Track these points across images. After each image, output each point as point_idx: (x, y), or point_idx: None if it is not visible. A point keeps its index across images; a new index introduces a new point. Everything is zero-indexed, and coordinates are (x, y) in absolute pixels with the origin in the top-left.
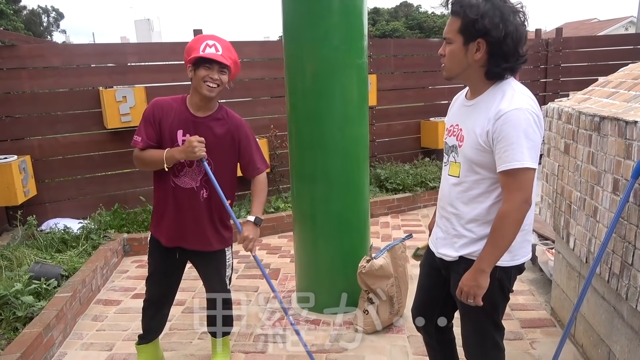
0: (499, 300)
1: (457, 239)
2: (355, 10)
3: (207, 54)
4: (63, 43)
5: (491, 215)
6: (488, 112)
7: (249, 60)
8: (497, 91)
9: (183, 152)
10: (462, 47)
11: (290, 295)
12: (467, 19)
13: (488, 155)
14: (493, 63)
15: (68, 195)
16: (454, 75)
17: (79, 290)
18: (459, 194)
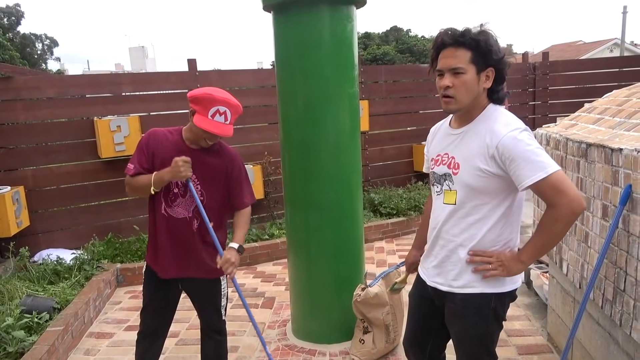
0: (493, 328)
1: (452, 267)
2: (346, 42)
3: (215, 127)
4: (58, 72)
5: (487, 239)
6: (485, 138)
7: (243, 88)
8: (488, 117)
9: (169, 172)
10: (475, 76)
11: (286, 325)
12: (484, 49)
13: (489, 180)
14: (497, 89)
15: (61, 225)
16: (464, 107)
17: (71, 324)
18: (457, 220)
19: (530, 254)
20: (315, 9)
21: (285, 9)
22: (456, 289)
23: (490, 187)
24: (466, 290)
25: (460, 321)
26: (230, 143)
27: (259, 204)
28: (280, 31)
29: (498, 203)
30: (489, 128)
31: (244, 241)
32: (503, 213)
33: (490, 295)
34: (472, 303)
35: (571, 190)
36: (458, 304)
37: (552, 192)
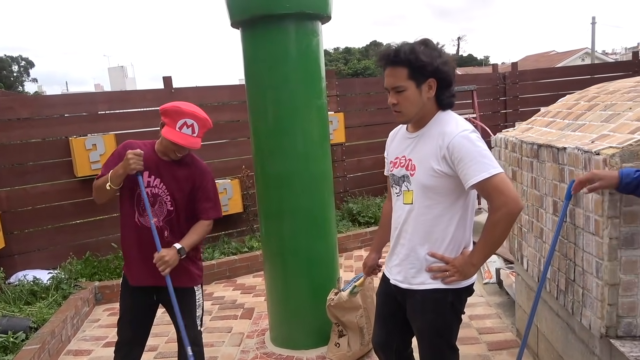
0: (452, 321)
1: (411, 266)
2: (312, 55)
3: (182, 139)
4: (35, 93)
5: (444, 237)
6: (437, 140)
7: (220, 103)
8: (440, 121)
9: (122, 166)
10: (415, 90)
11: (264, 334)
12: (417, 64)
13: (442, 180)
14: (443, 95)
15: (38, 245)
16: (412, 117)
17: (48, 342)
18: (414, 219)
19: (479, 257)
20: (282, 24)
21: (253, 25)
22: (415, 285)
23: (443, 187)
24: (424, 286)
25: (421, 316)
26: (208, 158)
27: (238, 217)
28: (248, 47)
29: (451, 202)
30: (441, 131)
31: (189, 247)
32: (456, 212)
33: (447, 290)
34: (431, 299)
35: (510, 191)
36: (418, 299)
37: (493, 193)
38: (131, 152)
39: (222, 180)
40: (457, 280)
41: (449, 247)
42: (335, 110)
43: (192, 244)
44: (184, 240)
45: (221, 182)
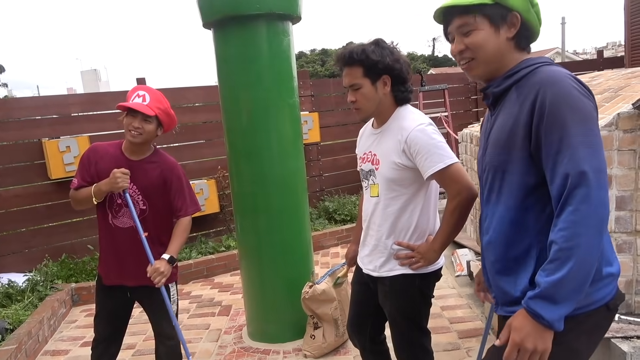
0: (421, 305)
1: (380, 255)
2: (283, 55)
3: (133, 104)
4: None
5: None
6: (397, 135)
7: (194, 105)
8: (399, 117)
9: (107, 183)
10: (371, 87)
11: (242, 329)
12: (369, 63)
13: (403, 173)
14: (398, 90)
15: (12, 249)
16: (371, 113)
17: (24, 342)
18: (380, 211)
19: (440, 243)
20: (253, 25)
21: (224, 25)
22: (384, 272)
23: (405, 179)
24: (393, 273)
25: (390, 301)
26: (183, 159)
27: (215, 217)
28: (220, 47)
29: (414, 193)
30: (399, 125)
31: (177, 253)
32: (419, 202)
33: (414, 276)
34: (399, 284)
35: (465, 180)
36: (387, 285)
37: (449, 181)
38: (118, 171)
39: (198, 181)
40: (423, 266)
41: (414, 235)
42: (310, 110)
43: (178, 248)
44: (170, 248)
45: (197, 183)
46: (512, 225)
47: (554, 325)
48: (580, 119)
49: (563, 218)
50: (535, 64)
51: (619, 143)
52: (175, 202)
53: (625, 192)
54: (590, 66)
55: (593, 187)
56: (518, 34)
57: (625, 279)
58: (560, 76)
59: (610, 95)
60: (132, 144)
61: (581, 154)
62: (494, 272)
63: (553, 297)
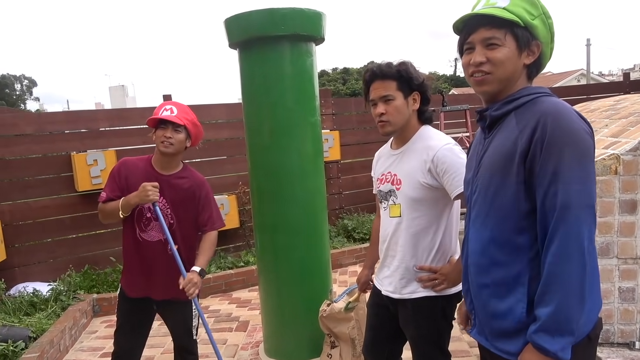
0: (443, 328)
1: (401, 276)
2: (306, 75)
3: (162, 116)
4: (37, 111)
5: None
6: (422, 154)
7: (217, 121)
8: (423, 136)
9: (137, 196)
10: (404, 101)
11: (258, 346)
12: (405, 77)
13: (428, 192)
14: (424, 110)
15: (38, 258)
16: (399, 128)
17: (46, 351)
18: (403, 231)
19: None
20: (277, 45)
21: (249, 46)
22: (406, 295)
23: (429, 198)
24: (415, 295)
25: (413, 324)
26: (205, 174)
27: (234, 232)
28: (245, 66)
29: (438, 213)
30: (425, 145)
31: (206, 266)
32: (442, 222)
33: (437, 297)
34: (422, 306)
35: None
36: (409, 308)
37: None
38: (148, 184)
39: (219, 196)
40: (446, 288)
41: (437, 256)
42: (331, 129)
43: (208, 261)
44: (198, 261)
45: (218, 198)
46: (501, 248)
47: (559, 355)
48: (577, 155)
49: (551, 251)
50: (536, 93)
51: None
52: (202, 217)
53: None
54: (616, 88)
55: (577, 222)
56: (534, 63)
57: None
58: (564, 109)
59: (635, 119)
60: (163, 155)
61: (572, 190)
62: (482, 295)
63: (552, 329)
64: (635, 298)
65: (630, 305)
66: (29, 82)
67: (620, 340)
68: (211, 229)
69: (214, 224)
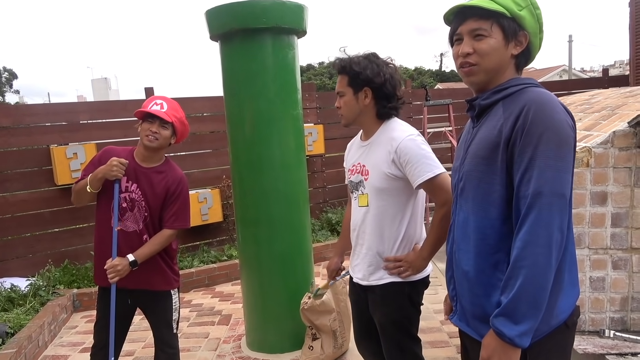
0: (411, 313)
1: (369, 264)
2: (288, 68)
3: (151, 110)
4: (16, 104)
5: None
6: (387, 146)
7: (201, 114)
8: (387, 128)
9: (103, 169)
10: (353, 97)
11: (241, 339)
12: (352, 73)
13: (393, 182)
14: (380, 105)
15: (16, 253)
16: (351, 121)
17: (24, 347)
18: (370, 220)
19: (428, 250)
20: (259, 38)
21: (231, 38)
22: (373, 281)
23: (394, 189)
24: (382, 281)
25: (380, 309)
26: (189, 167)
27: (218, 226)
28: (226, 59)
29: (403, 203)
30: (389, 137)
31: (143, 258)
32: (407, 212)
33: (403, 284)
34: (389, 292)
35: (449, 191)
36: (377, 294)
37: (437, 190)
38: (117, 159)
39: (202, 190)
40: (411, 274)
41: (402, 245)
42: (316, 122)
43: (146, 255)
44: (137, 251)
45: (201, 192)
46: (485, 235)
47: (515, 341)
48: (556, 142)
49: (519, 237)
50: (524, 84)
51: (614, 160)
52: (167, 212)
53: (621, 209)
54: (596, 84)
55: (548, 210)
56: (522, 53)
57: (621, 296)
58: (548, 98)
59: (607, 113)
60: (146, 149)
61: (546, 176)
62: (465, 281)
63: (512, 314)
64: (605, 287)
65: (600, 294)
66: (9, 75)
67: (591, 328)
68: (170, 226)
69: (174, 223)
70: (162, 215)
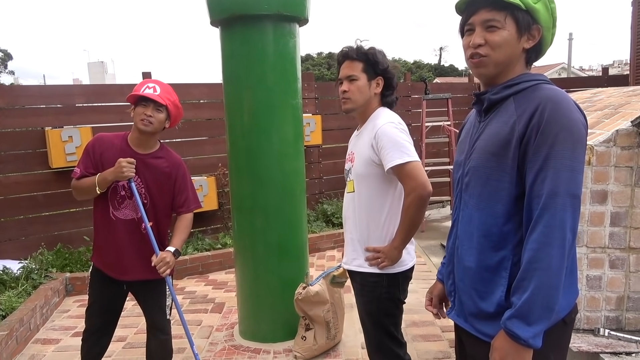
0: (389, 308)
1: (352, 249)
2: (288, 56)
3: (145, 93)
4: (10, 85)
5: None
6: (369, 133)
7: (198, 101)
8: (374, 116)
9: (112, 172)
10: (367, 82)
11: (233, 327)
12: (371, 61)
13: (372, 168)
14: (387, 94)
15: (9, 236)
16: (358, 106)
17: (15, 329)
18: (354, 207)
19: (399, 239)
20: (260, 25)
21: (231, 24)
22: (354, 267)
23: (373, 175)
24: (363, 269)
25: (360, 299)
26: (184, 154)
27: (213, 214)
28: (226, 45)
29: (383, 192)
30: (373, 124)
31: (181, 247)
32: (386, 201)
33: (382, 275)
34: (368, 282)
35: (420, 177)
36: (358, 282)
37: (406, 178)
38: (124, 160)
39: (198, 177)
40: (388, 265)
41: (382, 234)
42: (314, 113)
43: (182, 242)
44: (173, 241)
45: (197, 179)
46: (490, 232)
47: (530, 342)
48: (571, 142)
49: (533, 238)
50: (536, 80)
51: (616, 159)
52: (178, 198)
53: (621, 209)
54: (595, 83)
55: (562, 211)
56: (533, 48)
57: (617, 295)
58: (563, 97)
59: (610, 112)
60: (140, 134)
61: (562, 177)
62: (466, 277)
63: (526, 315)
64: (602, 286)
65: (596, 293)
66: (4, 55)
67: (586, 326)
68: (187, 210)
69: (190, 206)
70: (175, 202)
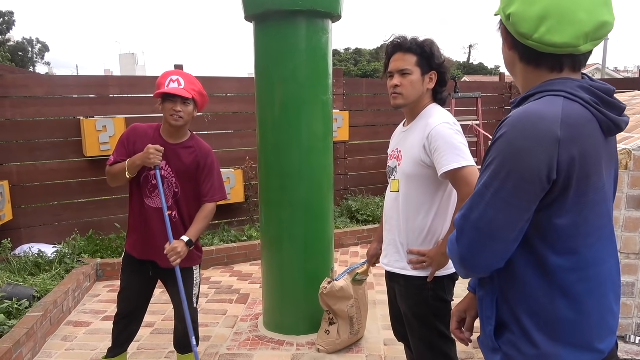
0: (437, 309)
1: (394, 250)
2: (320, 52)
3: (170, 89)
4: (46, 74)
5: (422, 226)
6: (421, 131)
7: (228, 94)
8: (427, 114)
9: (140, 157)
10: (420, 77)
11: (258, 318)
12: (427, 54)
13: (422, 169)
14: (439, 90)
15: (43, 220)
16: (409, 102)
17: (49, 311)
18: (397, 207)
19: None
20: (293, 20)
21: (265, 19)
22: (397, 269)
23: (423, 176)
24: (406, 272)
25: (405, 301)
26: (213, 147)
27: (239, 207)
28: (259, 40)
29: (431, 193)
30: (426, 122)
31: (196, 237)
32: (435, 202)
33: (426, 278)
34: (412, 285)
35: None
36: (402, 284)
37: (461, 183)
38: (152, 146)
39: (225, 170)
40: (435, 270)
41: (427, 237)
42: (341, 109)
43: (198, 232)
44: (190, 231)
45: (225, 172)
46: None
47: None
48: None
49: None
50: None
51: None
52: (202, 187)
53: None
54: (631, 84)
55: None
56: None
57: None
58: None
59: None
60: (172, 126)
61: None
62: None
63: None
64: (634, 292)
65: (628, 299)
66: (42, 47)
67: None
68: (210, 200)
69: (214, 196)
70: (199, 190)
